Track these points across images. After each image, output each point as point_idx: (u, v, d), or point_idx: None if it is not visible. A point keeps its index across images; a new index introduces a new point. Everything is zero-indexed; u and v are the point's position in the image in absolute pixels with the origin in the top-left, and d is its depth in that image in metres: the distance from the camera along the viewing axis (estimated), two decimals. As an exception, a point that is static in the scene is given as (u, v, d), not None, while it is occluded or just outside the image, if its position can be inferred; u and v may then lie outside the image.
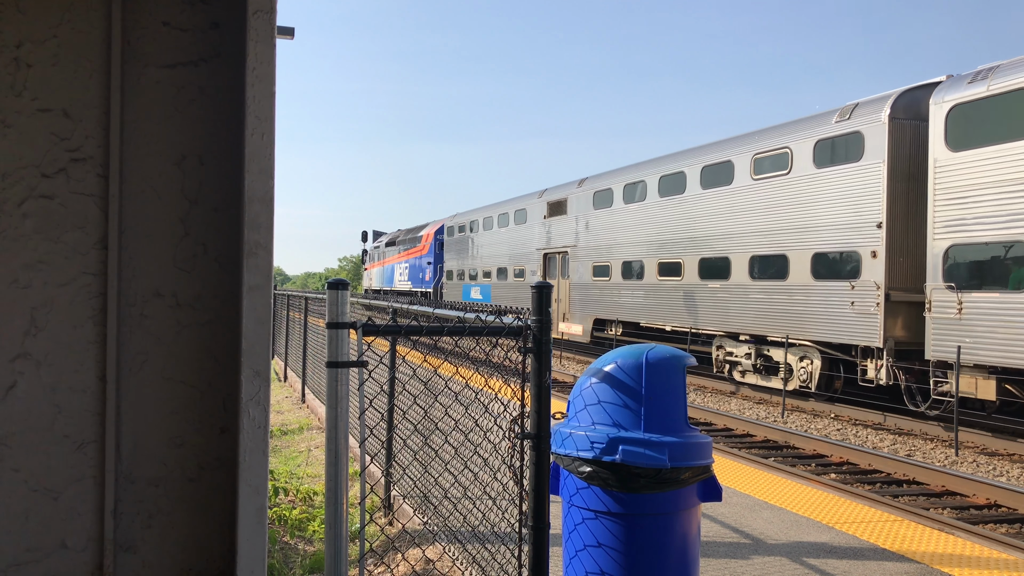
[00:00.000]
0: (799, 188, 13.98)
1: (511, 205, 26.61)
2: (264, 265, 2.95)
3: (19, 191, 2.95)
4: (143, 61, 3.06)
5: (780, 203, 14.41)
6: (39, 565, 2.97)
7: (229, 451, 3.15)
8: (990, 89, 10.70)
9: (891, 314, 12.44)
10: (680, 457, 2.85)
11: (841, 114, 13.28)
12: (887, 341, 12.47)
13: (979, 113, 10.90)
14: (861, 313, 12.76)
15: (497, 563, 3.86)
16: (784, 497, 6.31)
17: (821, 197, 13.54)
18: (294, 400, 13.59)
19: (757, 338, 15.61)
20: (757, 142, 15.13)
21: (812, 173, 13.69)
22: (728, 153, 15.88)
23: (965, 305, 11.10)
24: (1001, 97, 10.53)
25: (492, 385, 3.54)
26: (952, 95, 11.30)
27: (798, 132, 14.14)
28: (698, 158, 16.84)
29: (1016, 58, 10.92)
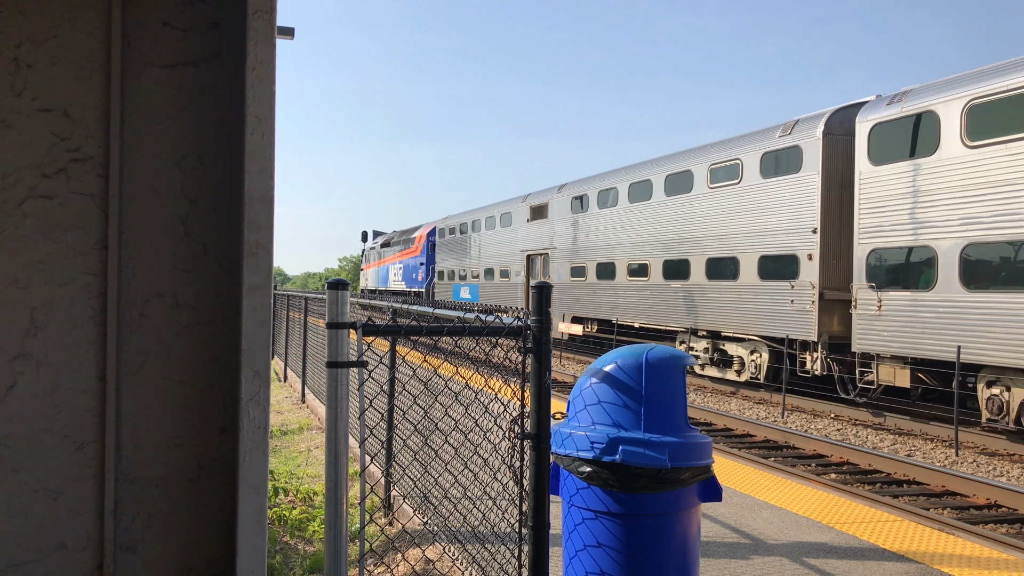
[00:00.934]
0: (748, 196, 15.31)
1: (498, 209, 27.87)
2: (264, 265, 2.95)
3: (19, 191, 2.95)
4: (143, 61, 3.06)
5: (732, 210, 15.76)
6: (39, 565, 2.97)
7: (229, 451, 3.15)
8: (903, 111, 12.10)
9: (825, 311, 13.78)
10: (680, 457, 2.85)
11: (783, 129, 14.64)
12: (821, 335, 13.81)
13: (894, 132, 12.24)
14: (799, 310, 14.12)
15: (497, 563, 3.86)
16: (784, 497, 6.31)
17: (767, 205, 14.86)
18: (294, 400, 13.59)
19: (713, 333, 16.90)
20: (713, 153, 16.43)
21: (759, 183, 15.04)
22: (688, 163, 17.17)
23: (884, 303, 12.39)
24: (910, 118, 11.96)
25: (492, 385, 3.54)
26: (873, 115, 12.64)
27: (747, 145, 15.48)
28: (663, 167, 18.13)
29: (927, 83, 12.22)
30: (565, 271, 22.44)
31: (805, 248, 13.97)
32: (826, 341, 13.81)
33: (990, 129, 10.81)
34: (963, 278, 11.15)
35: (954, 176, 11.30)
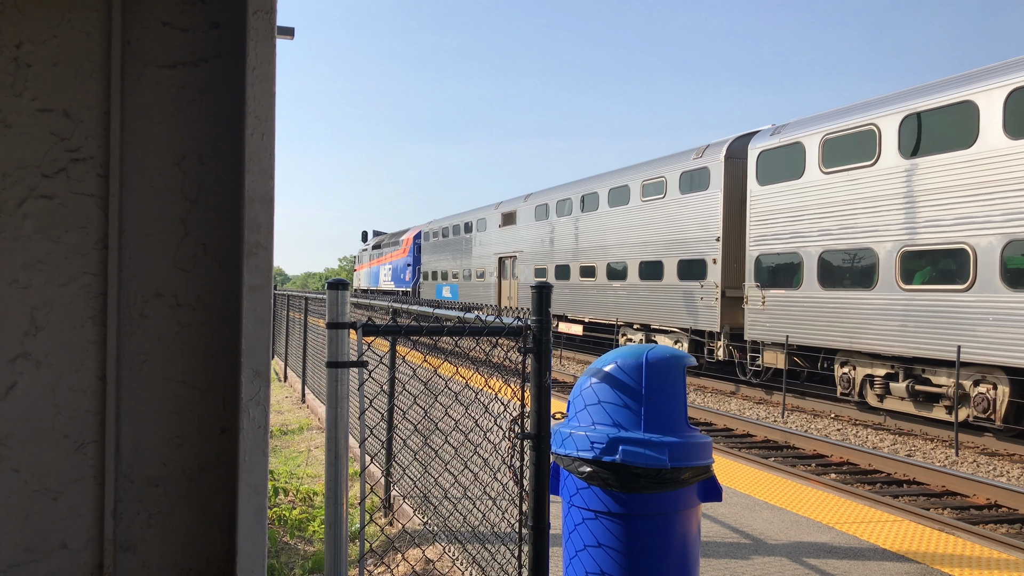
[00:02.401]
0: (671, 209, 18.01)
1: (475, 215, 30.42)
2: (264, 265, 2.95)
3: (19, 191, 2.95)
4: (143, 61, 3.06)
5: (659, 220, 18.47)
6: (39, 565, 2.97)
7: (229, 451, 3.15)
8: (781, 141, 14.66)
9: (726, 306, 16.29)
10: (680, 457, 2.85)
11: (697, 153, 17.26)
12: (724, 327, 16.37)
13: (775, 158, 14.83)
14: (707, 306, 16.70)
15: (497, 563, 3.86)
16: (784, 497, 6.31)
17: (684, 216, 17.52)
18: (294, 400, 13.59)
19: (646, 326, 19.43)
20: (645, 171, 19.13)
21: (679, 198, 17.69)
22: (626, 179, 19.78)
23: (767, 299, 15.02)
24: (786, 147, 14.53)
25: (492, 385, 3.54)
26: (760, 143, 15.26)
27: (670, 165, 18.14)
28: (607, 182, 20.74)
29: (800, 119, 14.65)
30: (530, 272, 25.11)
31: (711, 253, 16.55)
32: (728, 331, 16.34)
33: (837, 159, 13.35)
34: (820, 279, 13.73)
35: (814, 196, 13.90)
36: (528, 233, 25.30)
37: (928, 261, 11.73)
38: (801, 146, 14.08)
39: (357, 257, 53.89)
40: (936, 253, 11.56)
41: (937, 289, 11.52)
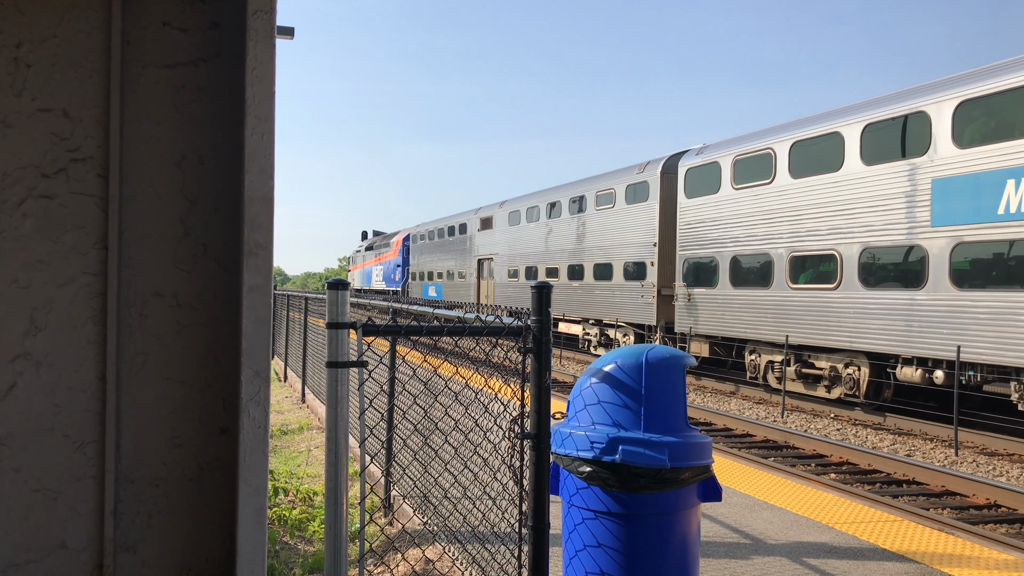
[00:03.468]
0: (619, 217, 20.43)
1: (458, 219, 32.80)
2: (264, 265, 2.95)
3: (19, 191, 2.95)
4: (143, 61, 3.06)
5: (609, 227, 20.91)
6: (39, 565, 2.97)
7: (229, 451, 3.15)
8: (704, 160, 17.12)
9: (662, 303, 18.83)
10: (680, 457, 2.85)
11: (639, 169, 19.86)
12: (659, 321, 18.85)
13: (699, 174, 17.20)
14: (646, 303, 19.22)
15: (497, 563, 3.86)
16: (784, 497, 6.31)
17: (629, 224, 19.96)
18: (294, 400, 13.59)
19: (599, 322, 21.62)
20: (599, 183, 21.56)
21: (625, 207, 20.16)
22: (584, 189, 22.34)
23: (692, 296, 17.49)
24: (708, 165, 16.99)
25: (492, 385, 3.54)
26: (688, 161, 17.73)
27: (618, 178, 20.62)
28: (568, 192, 23.17)
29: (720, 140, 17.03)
30: (504, 273, 27.70)
31: (650, 257, 19.03)
32: (663, 325, 18.81)
33: (745, 177, 15.80)
34: (732, 279, 16.12)
35: (727, 208, 16.30)
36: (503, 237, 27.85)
37: (810, 264, 14.25)
38: (718, 165, 16.64)
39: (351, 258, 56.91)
40: (815, 258, 14.10)
41: (815, 288, 14.06)
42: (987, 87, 10.98)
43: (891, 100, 12.58)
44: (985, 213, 10.94)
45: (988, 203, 10.90)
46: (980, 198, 11.06)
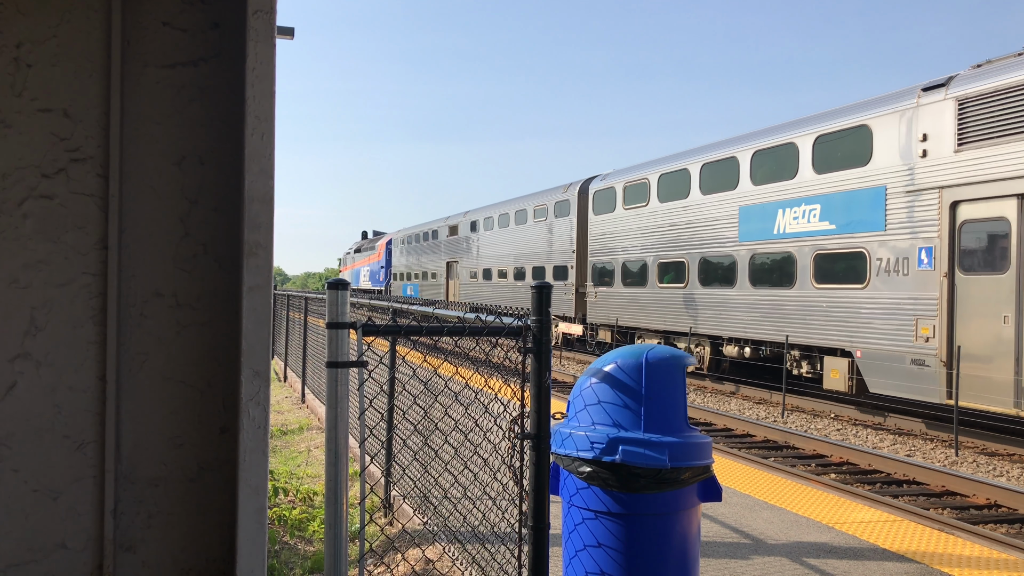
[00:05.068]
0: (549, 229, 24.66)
1: (431, 225, 37.03)
2: (264, 265, 2.95)
3: (19, 191, 2.95)
4: (143, 61, 3.06)
5: (542, 237, 25.14)
6: (39, 565, 2.97)
7: (229, 451, 3.15)
8: (606, 184, 21.39)
9: (578, 299, 23.09)
10: (680, 457, 2.85)
11: (564, 189, 23.93)
12: (577, 314, 22.93)
13: (603, 196, 21.51)
14: (568, 299, 23.52)
15: (497, 563, 3.86)
16: (784, 497, 6.31)
17: (557, 234, 24.18)
18: (294, 400, 13.59)
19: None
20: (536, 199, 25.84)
21: (554, 220, 24.31)
22: (525, 204, 26.53)
23: (598, 294, 21.73)
24: (608, 188, 21.18)
25: (492, 385, 3.54)
26: (595, 185, 22.04)
27: (550, 196, 24.79)
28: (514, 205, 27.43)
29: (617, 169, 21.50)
30: (467, 274, 32.00)
31: (570, 261, 23.28)
32: (582, 318, 22.75)
33: (631, 200, 20.15)
34: (623, 280, 20.47)
35: (620, 224, 20.57)
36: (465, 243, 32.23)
37: (671, 269, 18.36)
38: (614, 189, 20.94)
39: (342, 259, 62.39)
40: (674, 264, 18.25)
41: (673, 287, 18.27)
42: (767, 142, 15.31)
43: (718, 147, 16.93)
44: (767, 232, 15.27)
45: (768, 225, 15.25)
46: (764, 221, 15.36)
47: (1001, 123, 10.90)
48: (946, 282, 11.58)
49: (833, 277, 13.71)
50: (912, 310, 12.14)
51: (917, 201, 12.09)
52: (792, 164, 14.63)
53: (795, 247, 14.46)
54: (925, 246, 11.93)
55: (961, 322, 11.42)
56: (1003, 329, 10.83)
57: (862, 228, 13.04)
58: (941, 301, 11.65)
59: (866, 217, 12.97)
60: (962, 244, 11.44)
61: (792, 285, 14.54)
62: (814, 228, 14.04)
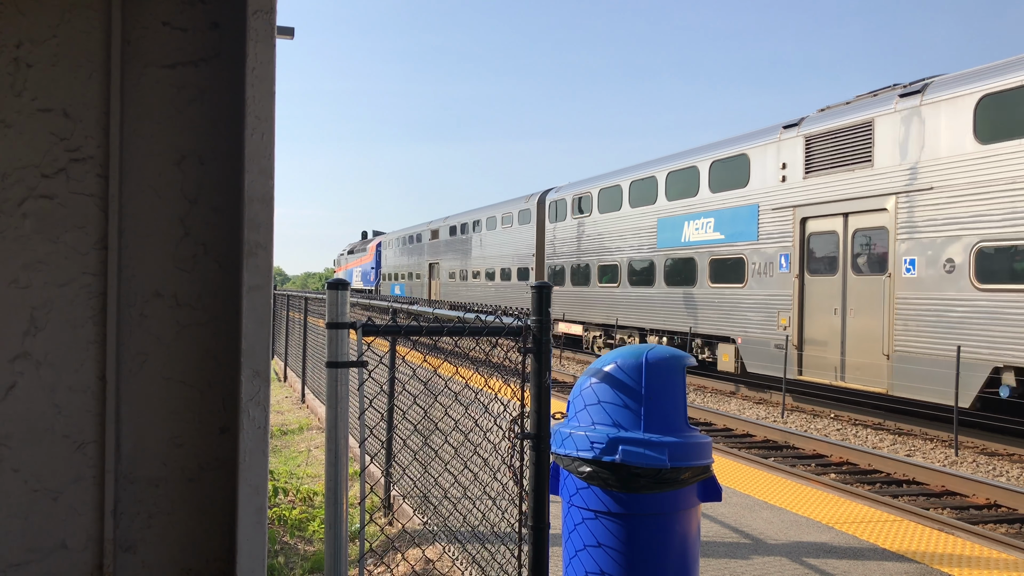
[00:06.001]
0: (515, 235, 27.32)
1: (416, 229, 40.19)
2: (264, 265, 2.95)
3: (19, 191, 2.95)
4: (143, 61, 3.06)
5: (510, 242, 27.67)
6: (39, 565, 2.97)
7: (229, 451, 3.15)
8: (560, 196, 24.08)
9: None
10: (680, 457, 2.85)
11: (526, 200, 26.56)
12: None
13: (557, 206, 24.22)
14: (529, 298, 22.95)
15: (497, 563, 3.86)
16: (784, 497, 6.32)
17: (521, 240, 26.86)
18: (294, 400, 13.59)
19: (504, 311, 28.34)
20: (501, 209, 28.78)
21: (519, 227, 27.01)
22: (495, 212, 29.39)
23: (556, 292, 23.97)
24: (562, 200, 23.88)
25: (492, 385, 3.54)
26: (551, 196, 24.79)
27: (516, 205, 27.49)
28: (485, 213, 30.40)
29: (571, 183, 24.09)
30: (446, 275, 35.03)
31: (531, 263, 25.96)
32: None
33: (580, 211, 22.79)
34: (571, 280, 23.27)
35: (570, 231, 23.35)
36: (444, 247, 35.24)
37: (608, 271, 21.06)
38: (565, 200, 23.70)
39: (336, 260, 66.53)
40: (609, 267, 21.05)
41: (610, 287, 20.99)
42: (678, 165, 18.05)
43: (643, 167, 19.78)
44: (677, 240, 18.05)
45: (678, 234, 18.03)
46: (675, 231, 18.14)
47: (833, 157, 13.68)
48: (798, 282, 14.49)
49: (723, 278, 16.52)
50: (776, 305, 15.04)
51: (779, 217, 14.96)
52: (695, 184, 17.48)
53: (696, 253, 17.41)
54: (784, 253, 14.82)
55: (808, 314, 14.31)
56: (834, 320, 13.65)
57: (742, 238, 15.94)
58: (794, 297, 14.55)
59: (745, 229, 15.88)
60: (809, 252, 14.28)
61: (695, 284, 17.45)
62: (710, 237, 16.96)
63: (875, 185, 12.74)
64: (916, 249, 12.06)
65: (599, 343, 21.98)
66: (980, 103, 11.14)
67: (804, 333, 14.26)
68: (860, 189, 13.02)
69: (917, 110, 12.09)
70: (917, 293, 12.00)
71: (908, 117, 12.23)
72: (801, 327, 14.35)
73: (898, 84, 13.41)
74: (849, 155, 13.26)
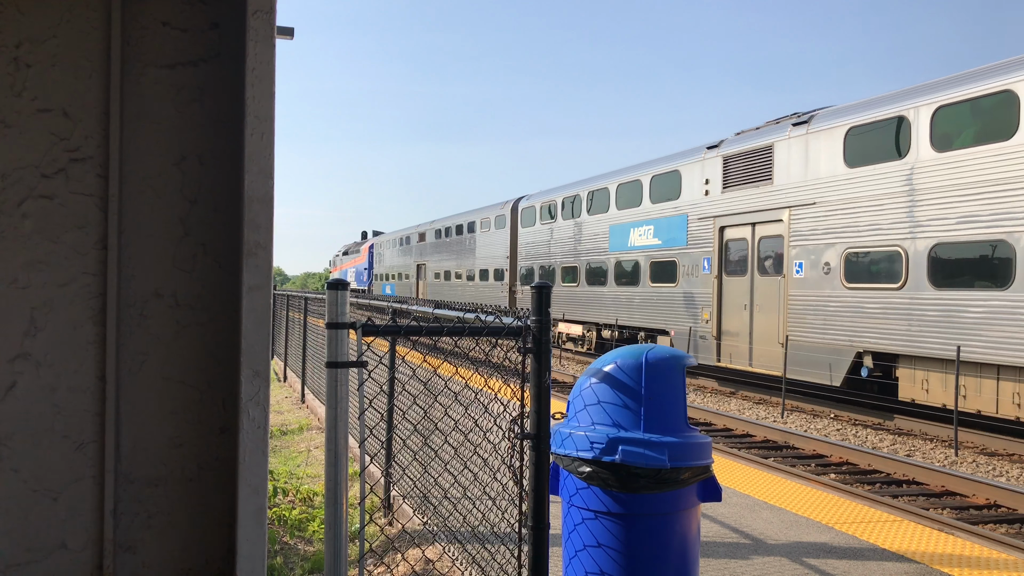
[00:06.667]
0: (493, 238, 29.62)
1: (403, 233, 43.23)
2: (264, 265, 2.95)
3: (19, 191, 2.95)
4: (143, 61, 3.06)
5: (488, 245, 30.14)
6: (39, 565, 2.97)
7: (229, 451, 3.15)
8: (528, 204, 26.67)
9: (511, 296, 28.02)
10: (680, 457, 2.85)
11: (502, 206, 28.94)
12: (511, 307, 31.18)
13: (527, 214, 26.75)
14: (503, 296, 28.48)
15: (497, 563, 3.86)
16: (784, 497, 6.32)
17: (496, 243, 29.25)
18: (294, 400, 13.59)
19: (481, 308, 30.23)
20: (484, 213, 30.83)
21: (496, 231, 29.38)
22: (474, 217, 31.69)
23: (523, 292, 26.74)
24: (531, 208, 26.34)
25: (492, 385, 3.54)
26: (521, 204, 27.38)
27: (492, 211, 29.92)
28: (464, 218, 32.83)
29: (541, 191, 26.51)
30: (432, 275, 37.68)
31: (505, 265, 28.25)
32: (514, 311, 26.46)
33: (543, 217, 25.38)
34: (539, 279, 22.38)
35: (539, 236, 25.71)
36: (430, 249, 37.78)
37: (568, 272, 23.66)
38: (534, 208, 26.13)
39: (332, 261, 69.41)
40: (570, 268, 23.55)
41: (571, 286, 23.44)
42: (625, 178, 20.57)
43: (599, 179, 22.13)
44: (624, 245, 20.57)
45: (625, 240, 20.52)
46: (623, 237, 20.62)
47: (744, 175, 16.06)
48: (717, 282, 16.86)
49: (660, 278, 19.06)
50: (700, 301, 17.46)
51: (703, 225, 17.34)
52: (639, 195, 19.91)
53: (640, 256, 19.93)
54: (707, 257, 17.17)
55: (725, 309, 16.69)
56: (744, 314, 16.07)
57: (675, 244, 18.40)
58: (714, 295, 16.89)
59: (678, 235, 18.35)
60: (726, 256, 16.66)
61: (639, 284, 19.97)
62: (650, 243, 19.50)
63: (774, 200, 15.18)
64: (803, 254, 14.50)
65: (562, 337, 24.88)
66: (848, 133, 13.45)
67: (722, 326, 16.80)
68: (763, 203, 15.43)
69: (805, 137, 14.51)
70: (804, 291, 14.48)
71: (799, 143, 14.67)
72: (719, 321, 16.84)
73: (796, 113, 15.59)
74: (756, 173, 15.65)
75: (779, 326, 15.02)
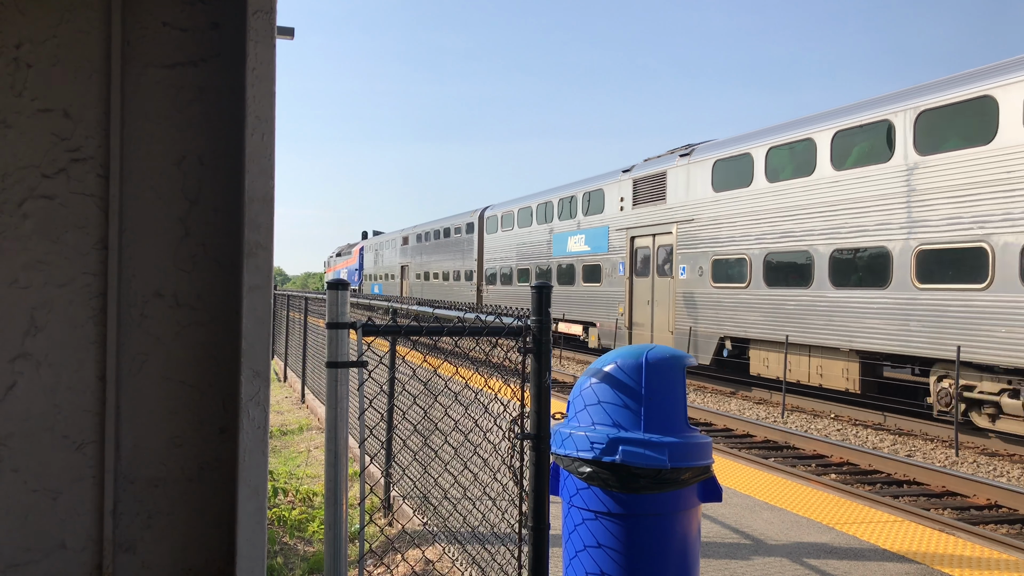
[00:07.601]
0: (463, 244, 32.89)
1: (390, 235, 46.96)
2: (264, 265, 2.95)
3: (19, 191, 2.95)
4: (143, 61, 3.06)
5: (460, 249, 33.45)
6: (39, 565, 2.97)
7: (229, 451, 3.15)
8: (493, 213, 30.08)
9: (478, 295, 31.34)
10: (680, 457, 2.85)
11: (471, 214, 32.06)
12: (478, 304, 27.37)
13: (492, 221, 30.04)
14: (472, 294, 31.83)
15: (497, 564, 3.86)
16: (784, 497, 6.31)
17: (467, 248, 32.56)
18: (294, 400, 13.59)
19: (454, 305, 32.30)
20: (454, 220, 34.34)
21: (467, 236, 32.59)
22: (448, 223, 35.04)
23: (489, 290, 30.22)
24: (495, 216, 29.81)
25: (492, 385, 3.54)
26: (488, 212, 30.60)
27: (464, 219, 33.04)
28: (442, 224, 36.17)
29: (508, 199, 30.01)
30: (413, 276, 41.17)
31: (474, 268, 31.64)
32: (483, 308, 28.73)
33: (505, 226, 28.95)
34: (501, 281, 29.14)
35: (505, 241, 28.83)
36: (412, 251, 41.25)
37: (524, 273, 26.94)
38: (497, 217, 29.59)
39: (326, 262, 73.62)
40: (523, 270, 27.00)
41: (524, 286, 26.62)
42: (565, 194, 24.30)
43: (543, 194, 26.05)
44: (564, 251, 24.42)
45: (565, 246, 24.36)
46: (563, 244, 24.46)
47: (648, 194, 19.94)
48: (628, 282, 20.85)
49: (589, 279, 22.87)
50: (617, 298, 21.36)
51: (620, 235, 21.21)
52: (574, 209, 23.73)
53: (575, 261, 23.70)
54: (622, 261, 21.11)
55: (634, 305, 20.65)
56: (647, 308, 20.07)
57: (600, 250, 22.26)
58: (627, 293, 20.89)
59: (602, 244, 22.17)
60: (635, 260, 20.56)
61: (574, 284, 23.72)
62: (583, 250, 23.29)
63: (667, 216, 19.07)
64: (686, 260, 18.37)
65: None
66: (715, 165, 17.22)
67: (633, 318, 20.77)
68: (660, 218, 19.34)
69: (688, 167, 18.28)
70: (686, 289, 18.34)
71: (683, 171, 18.47)
72: (631, 314, 20.80)
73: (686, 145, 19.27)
74: (655, 194, 19.53)
75: (670, 317, 19.06)
